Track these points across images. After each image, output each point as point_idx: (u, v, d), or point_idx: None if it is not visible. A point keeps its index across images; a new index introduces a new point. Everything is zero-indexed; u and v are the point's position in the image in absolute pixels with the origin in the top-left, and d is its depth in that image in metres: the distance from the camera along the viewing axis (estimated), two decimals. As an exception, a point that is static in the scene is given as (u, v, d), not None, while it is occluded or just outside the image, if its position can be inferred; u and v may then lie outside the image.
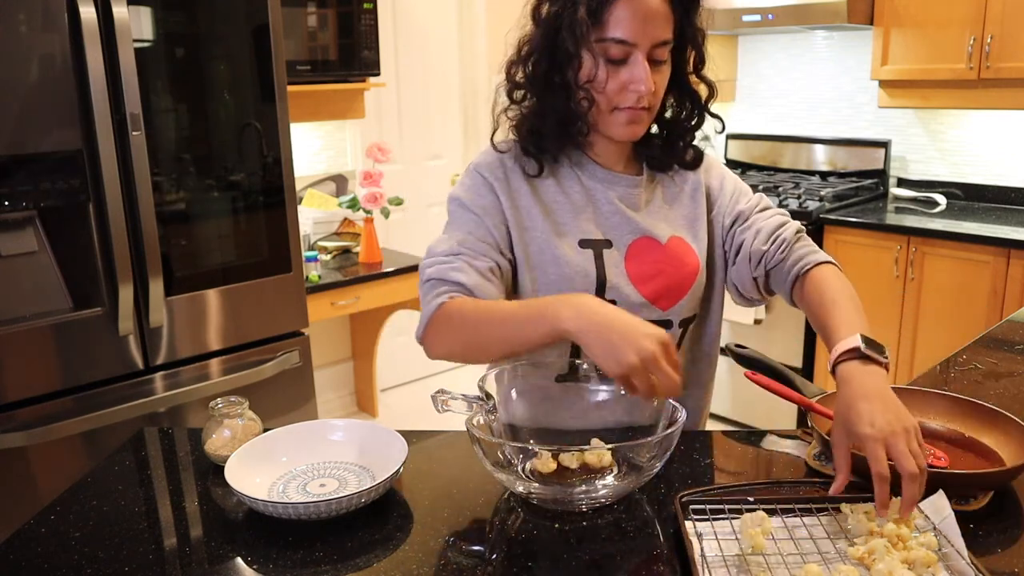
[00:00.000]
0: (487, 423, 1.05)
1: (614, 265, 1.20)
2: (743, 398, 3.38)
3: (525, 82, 1.19)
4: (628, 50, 1.11)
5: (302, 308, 2.43)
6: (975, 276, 2.80)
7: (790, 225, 1.25)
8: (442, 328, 1.12)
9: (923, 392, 1.17)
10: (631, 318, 0.96)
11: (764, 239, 1.23)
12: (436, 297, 1.12)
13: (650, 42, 1.11)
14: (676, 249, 1.23)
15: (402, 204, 3.20)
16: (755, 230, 1.24)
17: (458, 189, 1.24)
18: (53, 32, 1.85)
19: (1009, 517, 0.95)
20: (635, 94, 1.12)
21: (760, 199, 1.31)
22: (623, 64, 1.12)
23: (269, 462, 1.07)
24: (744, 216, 1.27)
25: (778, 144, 3.79)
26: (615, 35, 1.10)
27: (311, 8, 2.81)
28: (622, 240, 1.21)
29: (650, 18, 1.10)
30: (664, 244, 1.22)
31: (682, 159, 1.27)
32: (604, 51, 1.11)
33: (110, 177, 1.94)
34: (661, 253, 1.22)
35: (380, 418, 3.61)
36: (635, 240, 1.22)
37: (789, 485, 1.01)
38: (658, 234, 1.22)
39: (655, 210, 1.24)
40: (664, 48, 1.13)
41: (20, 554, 0.92)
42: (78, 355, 2.01)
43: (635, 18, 1.09)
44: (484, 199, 1.20)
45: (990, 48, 2.86)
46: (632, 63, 1.11)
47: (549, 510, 0.98)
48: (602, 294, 1.19)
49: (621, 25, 1.09)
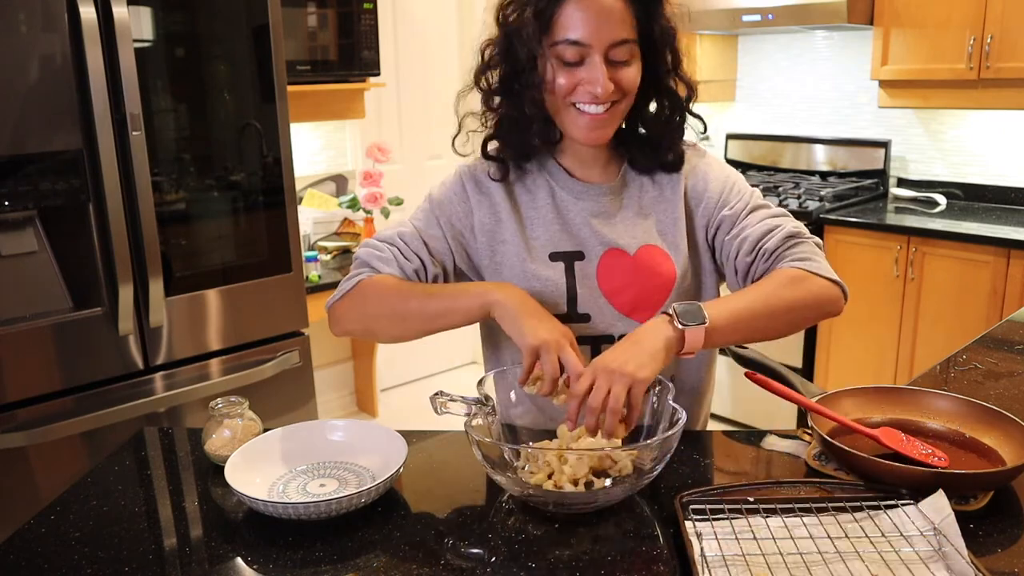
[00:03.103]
0: (486, 425, 1.05)
1: (585, 278, 1.19)
2: (743, 398, 3.38)
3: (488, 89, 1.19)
4: (583, 51, 1.09)
5: (302, 308, 2.43)
6: (975, 276, 2.80)
7: (778, 232, 1.16)
8: (357, 300, 1.18)
9: (923, 392, 1.17)
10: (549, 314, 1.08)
11: (748, 250, 1.16)
12: (357, 276, 1.19)
13: (606, 42, 1.08)
14: (646, 259, 1.20)
15: (402, 204, 3.20)
16: (740, 239, 1.18)
17: (437, 185, 1.27)
18: (53, 32, 1.85)
19: (1009, 517, 0.95)
20: (590, 94, 1.10)
21: (751, 197, 1.23)
22: (579, 65, 1.10)
23: (269, 462, 1.07)
24: (731, 222, 1.20)
25: (778, 144, 3.79)
26: (568, 36, 1.08)
27: (311, 8, 2.81)
28: (593, 252, 1.20)
29: (603, 17, 1.07)
30: (633, 255, 1.20)
31: (664, 161, 1.23)
32: (558, 55, 1.10)
33: (110, 177, 1.94)
34: (630, 264, 1.20)
35: (380, 418, 3.61)
36: (605, 251, 1.20)
37: (789, 485, 1.01)
38: (625, 244, 1.20)
39: (626, 218, 1.22)
40: (623, 47, 1.10)
41: (20, 554, 0.92)
42: (78, 355, 2.01)
43: (587, 18, 1.07)
44: (452, 205, 1.23)
45: (990, 48, 2.86)
46: (588, 64, 1.09)
47: (548, 511, 0.98)
48: (574, 308, 1.19)
49: (573, 26, 1.07)
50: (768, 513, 0.93)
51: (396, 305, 1.15)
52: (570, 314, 1.19)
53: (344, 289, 1.19)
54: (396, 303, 1.15)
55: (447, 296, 1.14)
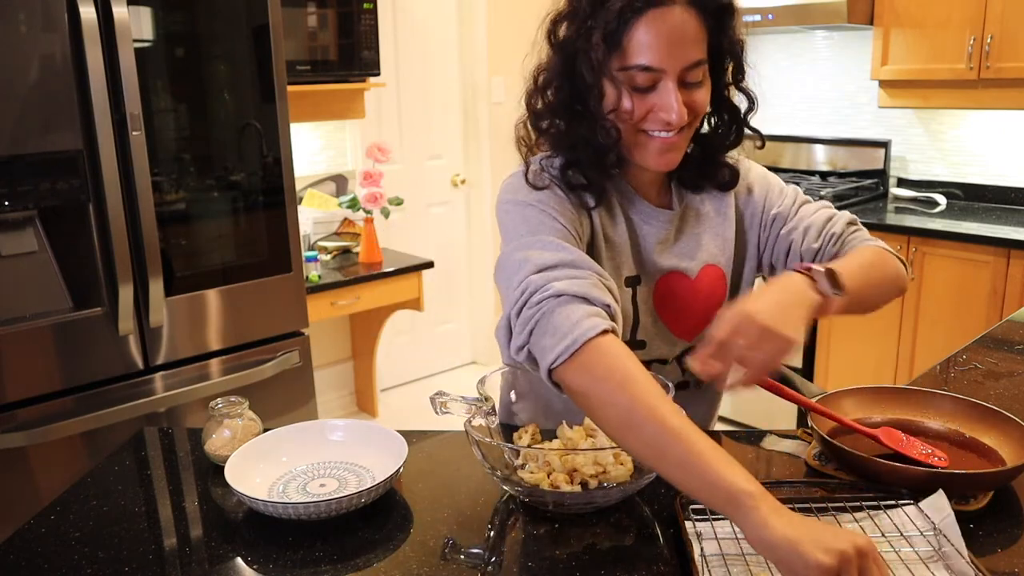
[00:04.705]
0: (486, 425, 1.05)
1: (643, 303, 1.15)
2: (743, 398, 3.37)
3: (546, 112, 1.08)
4: (655, 77, 0.99)
5: (302, 308, 2.43)
6: (975, 276, 2.80)
7: (839, 218, 1.17)
8: (593, 368, 0.88)
9: (923, 392, 1.17)
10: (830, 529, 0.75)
11: (815, 236, 1.14)
12: (588, 318, 0.90)
13: (680, 66, 0.99)
14: (706, 280, 1.17)
15: (402, 204, 3.20)
16: (803, 228, 1.15)
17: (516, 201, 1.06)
18: (53, 32, 1.85)
19: (1009, 517, 0.95)
20: (663, 122, 1.01)
21: (796, 194, 1.21)
22: (651, 91, 1.01)
23: (269, 462, 1.07)
24: (784, 217, 1.18)
25: (778, 144, 3.79)
26: (639, 62, 0.98)
27: (311, 8, 2.81)
28: (651, 276, 1.15)
29: (677, 39, 0.98)
30: (694, 278, 1.16)
31: (717, 180, 1.17)
32: (629, 80, 1.00)
33: (110, 177, 1.94)
34: (690, 287, 1.16)
35: (380, 418, 3.61)
36: (663, 277, 1.15)
37: (789, 485, 1.01)
38: (687, 267, 1.16)
39: (687, 240, 1.17)
40: (697, 69, 1.02)
41: (20, 554, 0.92)
42: (78, 355, 2.01)
43: (660, 41, 0.97)
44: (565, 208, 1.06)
45: (990, 48, 2.86)
46: (661, 90, 1.00)
47: (548, 511, 0.98)
48: (634, 335, 1.14)
49: (644, 50, 0.98)
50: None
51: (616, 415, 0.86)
52: (630, 341, 1.14)
53: (576, 341, 0.88)
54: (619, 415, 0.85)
55: (699, 478, 0.79)
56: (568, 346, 0.88)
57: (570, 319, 0.90)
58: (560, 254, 0.97)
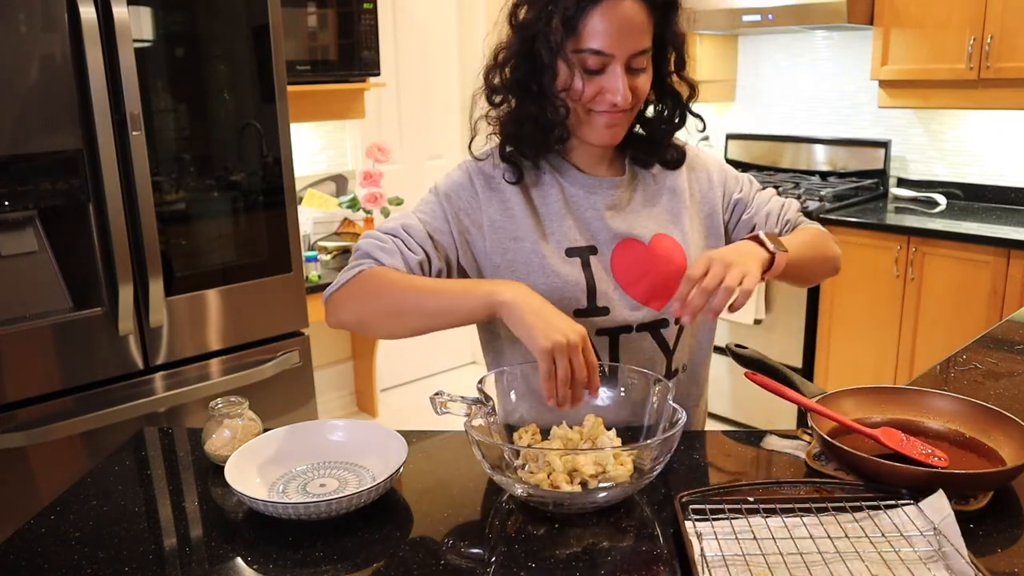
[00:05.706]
0: (486, 425, 1.05)
1: (603, 270, 1.21)
2: (743, 398, 3.38)
3: (502, 87, 1.19)
4: (605, 60, 1.10)
5: (302, 308, 2.43)
6: (975, 276, 2.80)
7: (789, 206, 1.33)
8: (356, 291, 1.15)
9: (923, 392, 1.17)
10: (559, 312, 1.03)
11: (775, 222, 1.29)
12: (358, 266, 1.16)
13: (628, 52, 1.10)
14: (660, 246, 1.23)
15: (402, 204, 3.20)
16: (764, 214, 1.30)
17: (442, 178, 1.26)
18: (53, 32, 1.85)
19: (1009, 517, 0.95)
20: (610, 103, 1.12)
21: (751, 181, 1.34)
22: (600, 73, 1.11)
23: (269, 462, 1.07)
24: (744, 203, 1.31)
25: (778, 144, 3.79)
26: (591, 46, 1.09)
27: (311, 8, 2.81)
28: (606, 244, 1.22)
29: (627, 28, 1.09)
30: (648, 244, 1.23)
31: (664, 158, 1.27)
32: (581, 62, 1.11)
33: (110, 177, 1.94)
34: (645, 252, 1.22)
35: (380, 418, 3.61)
36: (619, 243, 1.22)
37: (789, 485, 1.01)
38: (640, 234, 1.23)
39: (637, 208, 1.25)
40: (643, 56, 1.12)
41: (20, 554, 0.92)
42: (78, 355, 2.01)
43: (611, 29, 1.08)
44: (460, 200, 1.22)
45: (990, 48, 2.86)
46: (609, 73, 1.11)
47: (548, 511, 0.98)
48: (593, 302, 1.20)
49: (597, 36, 1.08)
50: (768, 513, 0.93)
51: (395, 299, 1.12)
52: (590, 308, 1.20)
53: (343, 279, 1.16)
54: (395, 297, 1.12)
55: (450, 293, 1.10)
56: (339, 282, 1.16)
57: (352, 270, 1.16)
58: (395, 223, 1.21)
